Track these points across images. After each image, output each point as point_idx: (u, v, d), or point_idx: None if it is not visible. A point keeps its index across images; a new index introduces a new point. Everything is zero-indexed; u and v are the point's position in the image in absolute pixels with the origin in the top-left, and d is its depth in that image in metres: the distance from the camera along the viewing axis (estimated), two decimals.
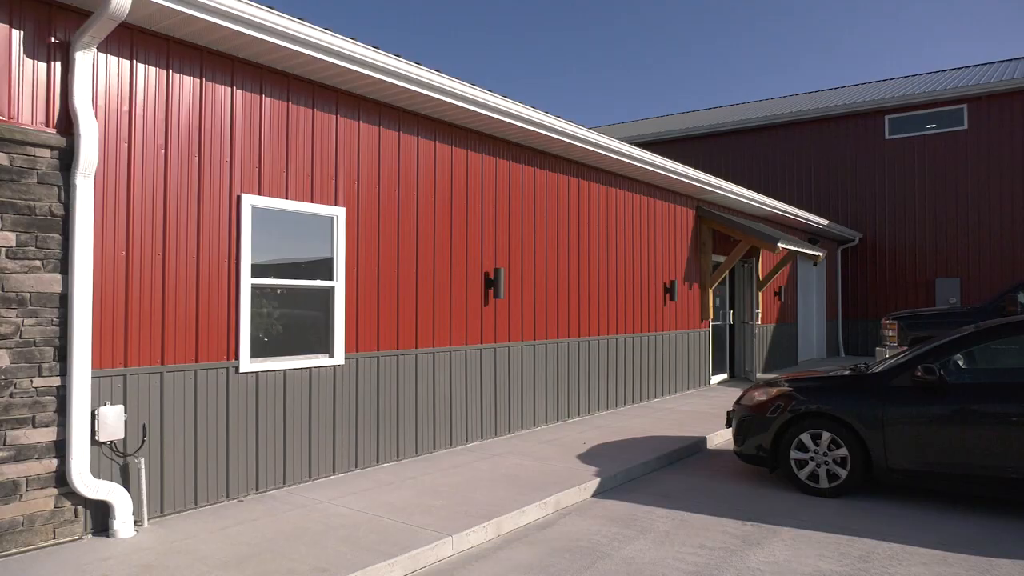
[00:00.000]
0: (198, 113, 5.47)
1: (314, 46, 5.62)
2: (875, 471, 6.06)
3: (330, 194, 6.43)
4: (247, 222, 5.75)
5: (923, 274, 19.95)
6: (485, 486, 6.11)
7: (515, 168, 8.56)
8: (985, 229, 19.03)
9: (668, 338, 11.88)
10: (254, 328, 5.83)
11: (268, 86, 5.95)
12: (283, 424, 6.01)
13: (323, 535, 4.80)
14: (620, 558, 4.75)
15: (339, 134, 6.52)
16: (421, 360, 7.28)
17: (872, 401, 6.07)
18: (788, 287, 17.31)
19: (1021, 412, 5.46)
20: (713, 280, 13.11)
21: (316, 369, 6.29)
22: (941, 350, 6.06)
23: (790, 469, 6.44)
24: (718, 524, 5.48)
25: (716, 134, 23.40)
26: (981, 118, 19.16)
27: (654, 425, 9.12)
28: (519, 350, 8.60)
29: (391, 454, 6.97)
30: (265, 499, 5.67)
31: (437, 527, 4.98)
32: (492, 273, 8.16)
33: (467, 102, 7.03)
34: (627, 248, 10.76)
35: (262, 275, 5.89)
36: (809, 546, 4.98)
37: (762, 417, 6.63)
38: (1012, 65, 22.64)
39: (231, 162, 5.67)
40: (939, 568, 4.56)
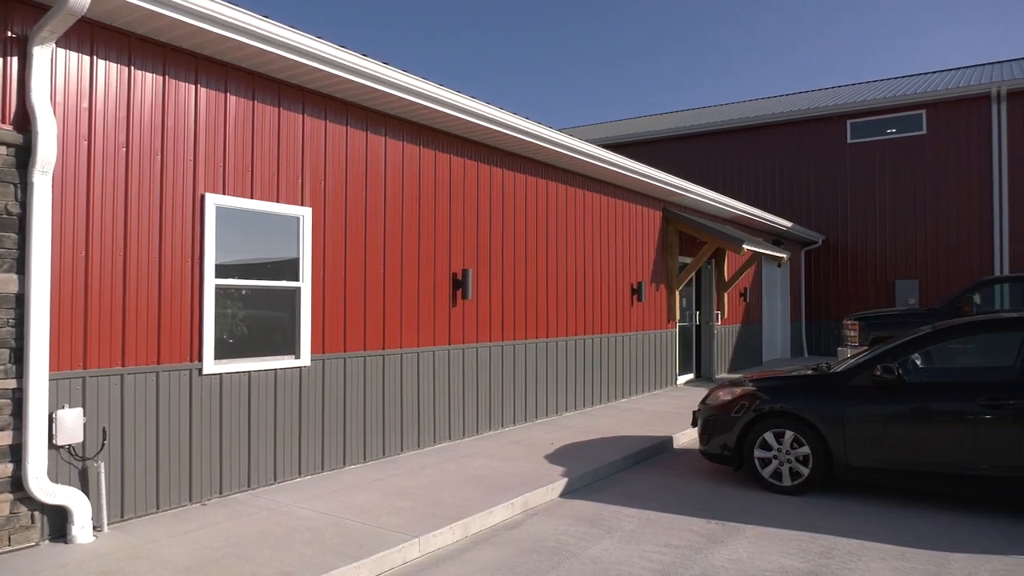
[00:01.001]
0: (161, 111, 5.38)
1: (280, 44, 5.57)
2: (836, 469, 6.18)
3: (296, 194, 6.37)
4: (211, 222, 5.67)
5: (883, 275, 20.38)
6: (453, 487, 6.10)
7: (483, 169, 8.57)
8: (943, 231, 19.51)
9: (635, 339, 11.98)
10: (218, 329, 5.75)
11: (233, 84, 5.87)
12: (248, 426, 5.94)
13: (288, 538, 4.76)
14: (586, 557, 4.78)
15: (306, 133, 6.46)
16: (388, 361, 7.25)
17: (833, 400, 6.19)
18: (753, 288, 17.56)
19: (976, 410, 5.61)
20: (680, 281, 13.25)
21: (282, 371, 6.23)
22: (899, 350, 6.20)
23: (754, 467, 6.53)
24: (684, 523, 5.55)
25: (683, 137, 23.64)
26: (939, 123, 19.64)
27: (622, 425, 9.19)
28: (487, 351, 8.60)
29: (358, 456, 6.92)
30: (229, 502, 5.59)
31: (404, 529, 4.96)
32: (460, 274, 8.15)
33: (434, 102, 7.02)
34: (595, 249, 10.83)
35: (227, 276, 5.81)
36: (772, 543, 5.06)
37: (727, 416, 6.72)
38: (969, 72, 23.24)
39: (195, 161, 5.59)
40: (897, 563, 4.67)
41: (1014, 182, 18.57)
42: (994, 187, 18.77)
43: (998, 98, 18.74)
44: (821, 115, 21.12)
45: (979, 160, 19.06)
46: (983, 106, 19.04)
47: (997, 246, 18.72)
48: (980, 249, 19.01)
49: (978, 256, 19.04)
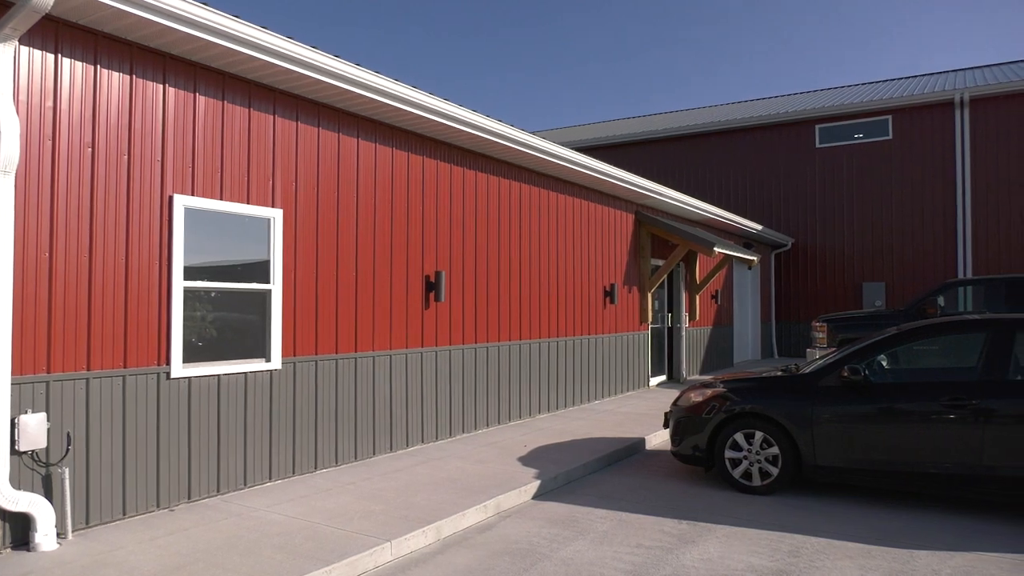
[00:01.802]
0: (128, 110, 5.30)
1: (249, 44, 5.52)
2: (805, 469, 6.27)
3: (267, 195, 6.31)
4: (179, 223, 5.59)
5: (851, 277, 20.71)
6: (425, 490, 6.08)
7: (457, 172, 8.56)
8: (908, 235, 19.88)
9: (608, 341, 12.04)
10: (187, 332, 5.68)
11: (202, 84, 5.80)
12: (217, 431, 5.87)
13: (258, 543, 4.70)
14: (559, 559, 4.79)
15: (276, 135, 6.41)
16: (361, 364, 7.20)
17: (802, 401, 6.28)
18: (724, 290, 17.75)
19: (939, 410, 5.73)
20: (652, 283, 13.35)
21: (252, 374, 6.16)
22: (866, 351, 6.30)
23: (725, 468, 6.60)
24: (655, 523, 5.58)
25: (656, 140, 23.83)
26: (905, 129, 20.02)
27: (594, 427, 9.23)
28: (460, 353, 8.59)
29: (330, 460, 6.87)
30: (198, 508, 5.52)
31: (376, 532, 4.93)
32: (433, 276, 8.13)
33: (406, 104, 7.00)
34: (568, 252, 10.87)
35: (196, 278, 5.74)
36: (742, 542, 5.11)
37: (698, 418, 6.78)
38: (934, 79, 23.73)
39: (163, 161, 5.52)
40: (863, 560, 4.75)
41: (976, 187, 19.00)
42: (958, 192, 19.18)
43: (961, 104, 19.16)
44: (791, 120, 21.43)
45: (943, 165, 19.47)
46: (947, 112, 19.46)
47: (961, 249, 19.13)
48: (944, 252, 19.42)
49: (942, 259, 19.43)
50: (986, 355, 5.84)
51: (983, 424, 5.56)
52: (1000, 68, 23.30)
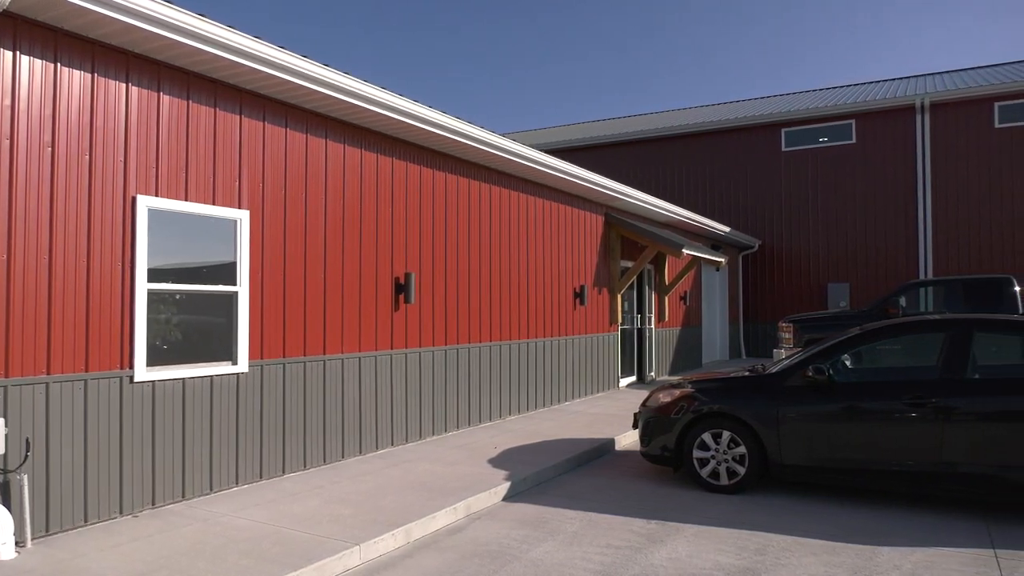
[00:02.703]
0: (89, 109, 5.20)
1: (215, 43, 5.45)
2: (771, 468, 6.35)
3: (233, 196, 6.23)
4: (143, 224, 5.50)
5: (816, 279, 21.06)
6: (395, 493, 6.05)
7: (427, 173, 8.53)
8: (872, 237, 20.27)
9: (578, 342, 12.09)
10: (151, 335, 5.58)
11: (166, 83, 5.72)
12: (182, 435, 5.77)
13: (224, 549, 4.64)
14: (528, 560, 4.80)
15: (243, 135, 6.33)
16: (330, 366, 7.15)
17: (768, 401, 6.36)
18: (693, 292, 17.93)
19: (901, 408, 5.84)
20: (621, 285, 13.43)
21: (218, 377, 6.07)
22: (829, 351, 6.41)
23: (693, 468, 6.66)
24: (624, 523, 5.62)
25: (624, 143, 24.00)
26: (867, 133, 20.42)
27: (564, 428, 9.26)
28: (430, 355, 8.56)
29: (298, 463, 6.80)
30: (162, 514, 5.43)
31: (344, 536, 4.89)
32: (403, 278, 8.10)
33: (374, 104, 6.96)
34: (539, 254, 10.89)
35: (160, 280, 5.64)
36: (710, 541, 5.17)
37: (667, 418, 6.83)
38: (895, 84, 24.24)
39: (125, 161, 5.42)
40: (828, 557, 4.83)
41: (936, 190, 19.44)
42: (918, 195, 19.61)
43: (922, 109, 19.60)
44: (757, 123, 21.73)
45: (905, 169, 19.89)
46: (908, 117, 19.88)
47: (921, 251, 19.56)
48: (906, 254, 19.83)
49: (904, 260, 19.85)
50: (945, 354, 5.97)
51: (942, 422, 5.69)
52: (959, 74, 23.88)
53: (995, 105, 18.92)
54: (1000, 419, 5.54)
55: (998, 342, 6.10)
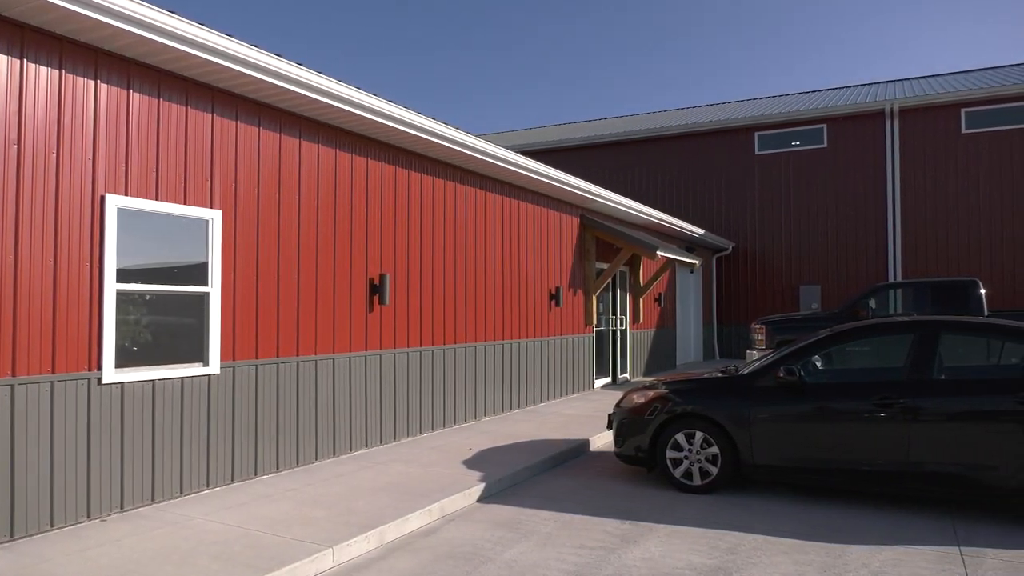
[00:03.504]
0: (57, 107, 5.11)
1: (185, 40, 5.39)
2: (744, 468, 6.41)
3: (205, 196, 6.16)
4: (112, 224, 5.41)
5: (789, 281, 21.31)
6: (368, 495, 6.01)
7: (402, 174, 8.50)
8: (843, 239, 20.57)
9: (553, 343, 12.12)
10: (120, 336, 5.50)
11: (137, 81, 5.64)
12: (152, 437, 5.69)
13: (194, 553, 4.58)
14: (502, 562, 4.80)
15: (215, 134, 6.26)
16: (303, 368, 7.09)
17: (740, 401, 6.43)
18: (667, 293, 18.06)
19: (869, 409, 5.93)
20: (596, 286, 13.49)
21: (189, 379, 6.00)
22: (800, 352, 6.49)
23: (666, 468, 6.71)
24: (598, 524, 5.64)
25: (601, 145, 24.11)
26: (839, 137, 20.72)
27: (539, 429, 9.27)
28: (405, 357, 8.53)
29: (270, 466, 6.74)
30: (131, 517, 5.34)
31: (317, 539, 4.86)
32: (377, 279, 8.06)
33: (348, 104, 6.93)
34: (514, 255, 10.90)
35: (129, 280, 5.56)
36: (682, 541, 5.21)
37: (641, 419, 6.87)
38: (866, 89, 24.62)
39: (94, 160, 5.33)
40: (798, 556, 4.89)
41: (905, 194, 19.78)
42: (888, 198, 19.94)
43: (891, 115, 19.93)
44: (731, 127, 21.95)
45: (875, 173, 20.21)
46: (878, 122, 20.20)
47: (891, 253, 19.89)
48: (876, 256, 20.15)
49: (874, 263, 20.17)
50: (912, 355, 6.08)
51: (910, 422, 5.78)
52: (928, 80, 24.32)
53: (962, 111, 19.30)
54: (965, 419, 5.65)
55: (964, 343, 6.22)
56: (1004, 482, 5.50)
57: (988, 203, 18.96)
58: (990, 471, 5.54)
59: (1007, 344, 6.01)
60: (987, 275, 18.65)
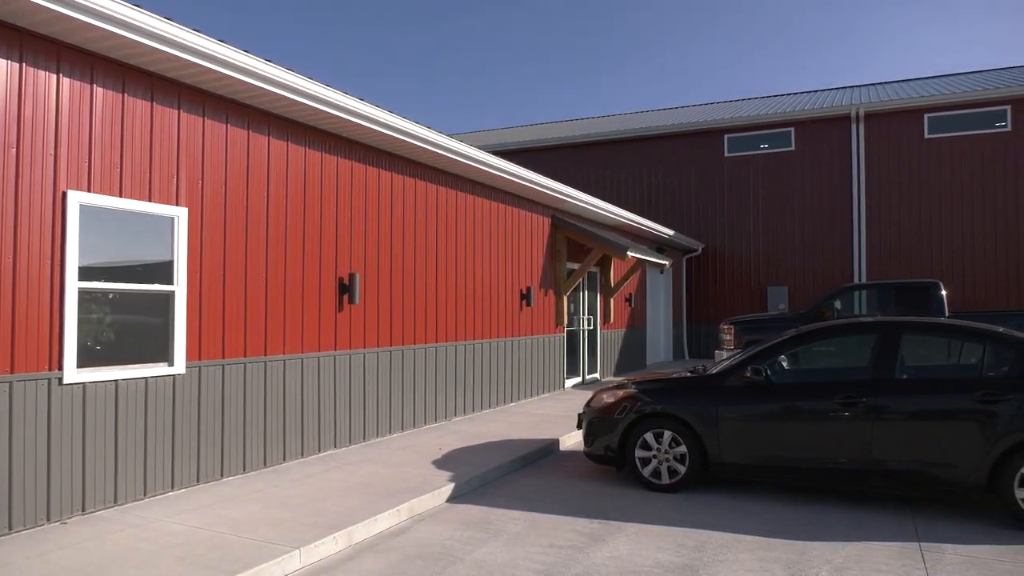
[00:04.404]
0: (16, 100, 5.00)
1: (150, 35, 5.30)
2: (712, 466, 6.48)
3: (171, 193, 6.07)
4: (74, 221, 5.31)
5: (757, 281, 21.59)
6: (337, 496, 5.97)
7: (372, 172, 8.45)
8: (809, 241, 20.89)
9: (524, 343, 12.14)
10: (82, 336, 5.39)
11: (100, 75, 5.53)
12: (115, 439, 5.59)
13: (157, 555, 4.51)
14: (471, 561, 4.79)
15: (182, 130, 6.17)
16: (271, 368, 7.01)
17: (708, 401, 6.49)
18: (638, 294, 18.18)
19: (834, 408, 6.03)
20: (567, 287, 13.54)
21: (153, 379, 5.90)
22: (767, 352, 6.58)
23: (635, 467, 6.75)
24: (567, 523, 5.66)
25: (573, 145, 24.20)
26: (806, 140, 21.04)
27: (510, 429, 9.28)
28: (375, 356, 8.48)
29: (236, 467, 6.66)
30: (93, 520, 5.24)
31: (283, 540, 4.81)
32: (347, 278, 8.00)
33: (318, 102, 6.87)
34: (485, 255, 10.90)
35: (92, 278, 5.45)
36: (650, 539, 5.25)
37: (610, 418, 6.91)
38: (833, 93, 25.03)
39: (56, 156, 5.22)
40: (763, 553, 4.95)
41: (870, 197, 20.15)
42: (853, 201, 20.29)
43: (857, 119, 20.29)
44: (701, 129, 22.17)
45: (841, 176, 20.56)
46: (844, 126, 20.56)
47: (856, 255, 20.25)
48: (842, 258, 20.50)
49: (840, 264, 20.51)
50: (875, 355, 6.19)
51: (872, 421, 5.89)
52: (892, 86, 24.80)
53: (925, 116, 19.71)
54: (925, 418, 5.77)
55: (925, 343, 6.36)
56: (962, 479, 5.63)
57: (949, 207, 19.39)
58: (949, 469, 5.67)
59: (966, 344, 6.16)
60: (948, 277, 19.07)
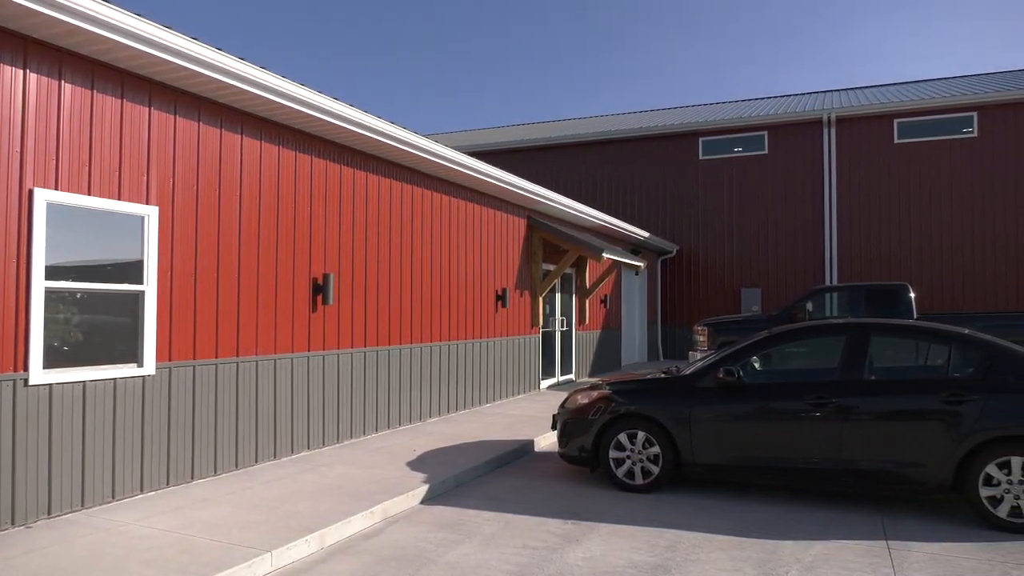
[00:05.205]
0: None
1: (120, 31, 5.22)
2: (685, 467, 6.53)
3: (141, 192, 5.98)
4: (40, 219, 5.21)
5: (731, 283, 21.81)
6: (310, 498, 5.92)
7: (347, 172, 8.40)
8: (782, 243, 21.15)
9: (500, 344, 12.14)
10: (49, 336, 5.29)
11: (69, 71, 5.44)
12: (82, 441, 5.50)
13: (125, 560, 4.44)
14: (445, 563, 4.78)
15: (152, 128, 6.08)
16: (243, 369, 6.94)
17: (681, 402, 6.54)
18: (613, 295, 18.27)
19: (805, 408, 6.11)
20: (543, 288, 13.57)
21: (122, 380, 5.81)
22: (739, 354, 6.64)
23: (609, 468, 6.78)
24: (541, 524, 5.67)
25: (548, 147, 24.26)
26: (779, 144, 21.30)
27: (485, 430, 9.27)
28: (349, 357, 8.43)
29: (207, 469, 6.58)
30: (59, 524, 5.15)
31: (255, 543, 4.76)
32: (321, 279, 7.95)
33: (291, 100, 6.82)
34: (461, 256, 10.88)
35: (60, 278, 5.36)
36: (623, 540, 5.27)
37: (584, 419, 6.94)
38: (806, 98, 25.37)
39: (22, 153, 5.13)
40: (734, 552, 5.00)
41: (841, 200, 20.45)
42: (825, 204, 20.58)
43: (829, 123, 20.58)
44: (676, 132, 22.35)
45: (813, 179, 20.84)
46: (816, 130, 20.84)
47: (828, 257, 20.52)
48: (813, 260, 20.77)
49: (811, 267, 20.79)
50: (845, 356, 6.28)
51: (842, 421, 5.98)
52: (863, 91, 25.19)
53: (895, 122, 20.05)
54: (893, 418, 5.87)
55: (893, 345, 6.47)
56: (929, 478, 5.73)
57: (918, 211, 19.74)
58: (917, 468, 5.76)
59: (933, 346, 6.27)
60: (917, 280, 19.40)
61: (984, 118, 19.22)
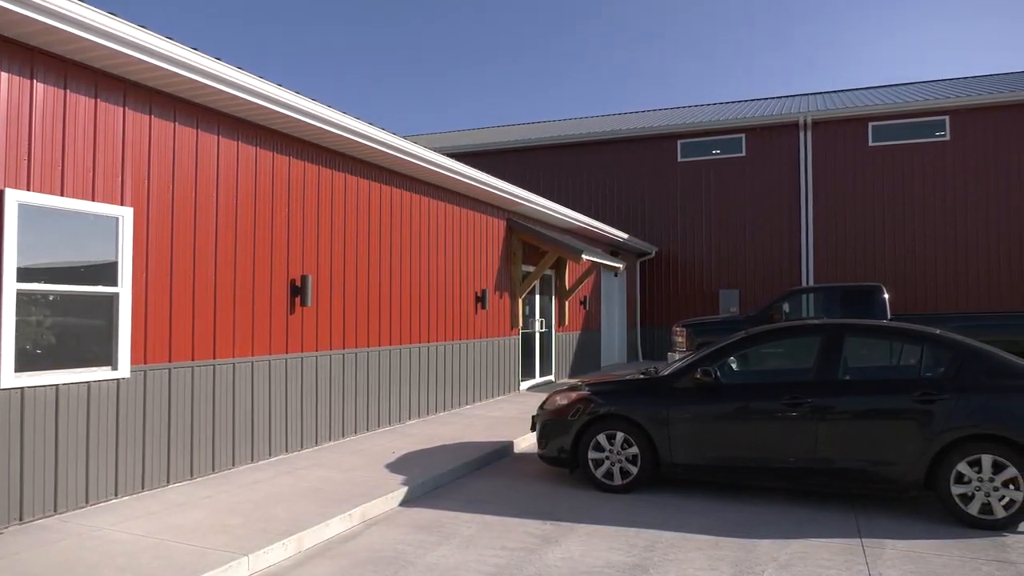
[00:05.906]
0: None
1: (93, 30, 5.16)
2: (663, 467, 6.57)
3: (115, 193, 5.91)
4: (11, 220, 5.13)
5: (709, 284, 21.96)
6: (287, 501, 5.88)
7: (325, 173, 8.36)
8: (760, 245, 21.34)
9: (479, 346, 12.13)
10: (20, 339, 5.21)
11: (41, 70, 5.36)
12: (55, 445, 5.42)
13: (99, 566, 4.38)
14: (423, 565, 4.78)
15: (127, 128, 6.02)
16: (220, 371, 6.88)
17: (659, 402, 6.58)
18: (592, 296, 18.33)
19: (781, 408, 6.17)
20: (523, 289, 13.58)
21: (96, 383, 5.74)
22: (716, 354, 6.70)
23: (588, 468, 6.81)
24: (520, 525, 5.68)
25: (528, 149, 24.29)
26: (756, 147, 21.50)
27: (464, 431, 9.27)
28: (327, 359, 8.39)
29: (184, 473, 6.51)
30: (31, 529, 5.07)
31: (232, 547, 4.72)
32: (299, 280, 7.90)
33: (268, 101, 6.78)
34: (441, 257, 10.87)
35: (32, 280, 5.28)
36: (602, 540, 5.30)
37: (563, 420, 6.95)
38: (782, 101, 25.63)
39: None
40: (712, 551, 5.04)
41: (818, 202, 20.68)
42: (801, 206, 20.80)
43: (805, 126, 20.81)
44: (655, 134, 22.48)
45: (789, 181, 21.06)
46: (792, 133, 21.06)
47: (804, 259, 20.75)
48: (790, 261, 20.99)
49: (788, 268, 21.00)
50: (819, 357, 6.36)
51: (817, 421, 6.05)
52: (838, 95, 25.50)
53: (869, 125, 20.32)
54: (867, 417, 5.95)
55: (867, 345, 6.56)
56: (903, 476, 5.81)
57: (892, 213, 20.02)
58: (891, 466, 5.85)
59: (905, 346, 6.37)
60: (891, 280, 19.66)
61: (956, 122, 19.53)
